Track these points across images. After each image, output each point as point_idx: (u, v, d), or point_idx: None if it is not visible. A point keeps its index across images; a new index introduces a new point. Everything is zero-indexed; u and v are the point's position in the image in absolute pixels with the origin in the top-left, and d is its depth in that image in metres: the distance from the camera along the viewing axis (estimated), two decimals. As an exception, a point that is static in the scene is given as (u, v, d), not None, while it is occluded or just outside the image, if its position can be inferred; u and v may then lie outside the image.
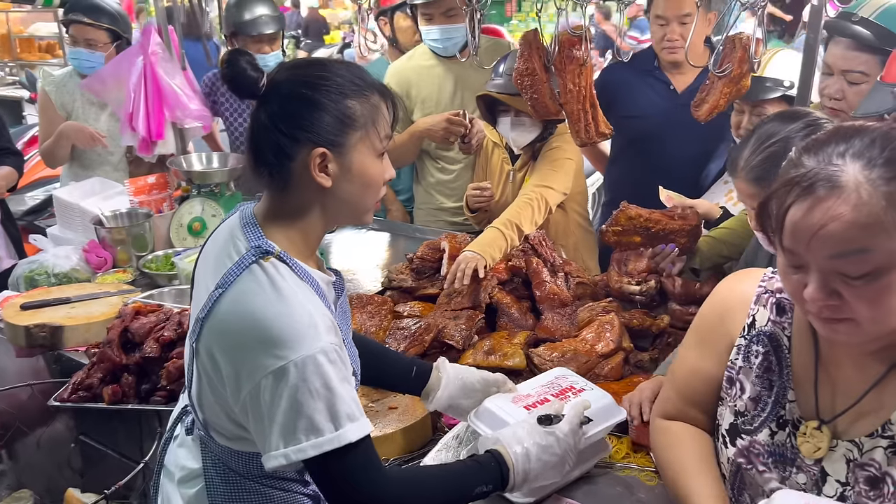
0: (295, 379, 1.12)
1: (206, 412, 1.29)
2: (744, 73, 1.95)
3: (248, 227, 1.25)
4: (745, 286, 1.24)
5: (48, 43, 8.15)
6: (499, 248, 2.26)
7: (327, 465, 1.15)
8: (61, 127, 3.18)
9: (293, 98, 1.19)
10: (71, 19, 3.16)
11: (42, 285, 2.55)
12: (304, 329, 1.15)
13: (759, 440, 1.18)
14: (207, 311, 1.20)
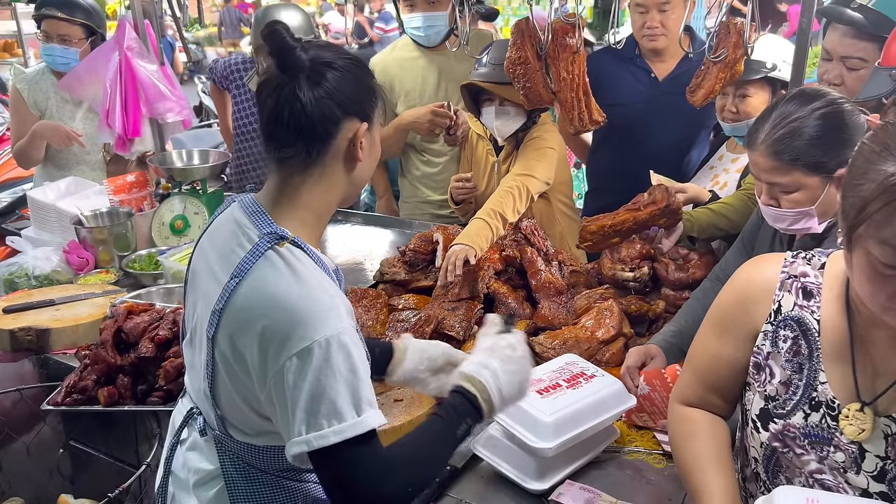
0: (319, 359, 1.12)
1: (224, 408, 1.27)
2: (738, 58, 1.98)
3: (257, 216, 1.24)
4: (766, 273, 1.23)
5: (6, 41, 7.90)
6: (485, 237, 2.26)
7: (341, 454, 1.12)
8: (35, 126, 3.09)
9: (341, 72, 1.20)
10: (44, 14, 3.07)
11: (22, 288, 2.48)
12: (326, 310, 1.15)
13: (793, 423, 1.18)
14: (225, 302, 1.18)
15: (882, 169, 0.96)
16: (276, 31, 1.18)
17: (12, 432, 2.27)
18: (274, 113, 1.19)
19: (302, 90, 1.17)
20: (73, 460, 2.25)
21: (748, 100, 2.33)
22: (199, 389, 1.31)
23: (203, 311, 1.26)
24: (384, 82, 3.00)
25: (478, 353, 1.34)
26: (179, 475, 1.39)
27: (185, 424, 1.39)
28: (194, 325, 1.32)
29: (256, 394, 1.20)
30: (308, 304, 1.14)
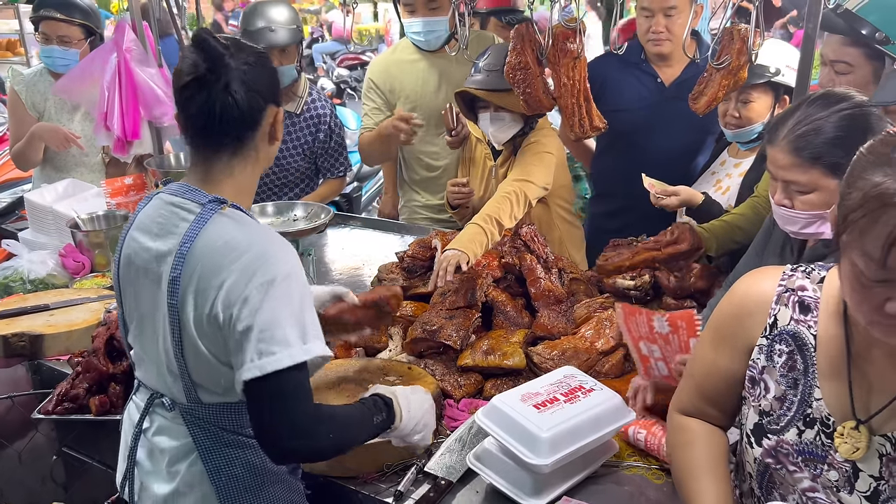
0: (278, 291, 1.25)
1: (194, 373, 1.34)
2: (742, 65, 1.95)
3: (191, 193, 1.36)
4: (763, 286, 1.22)
5: (8, 41, 7.89)
6: (479, 243, 2.23)
7: (285, 381, 1.24)
8: (34, 128, 3.07)
9: (260, 67, 1.36)
10: (42, 16, 3.05)
11: (17, 292, 2.46)
12: (283, 249, 1.32)
13: (786, 440, 1.16)
14: (181, 266, 1.29)
15: (869, 178, 0.95)
16: (204, 39, 1.31)
17: (6, 439, 2.26)
18: (207, 109, 1.32)
19: (233, 88, 1.31)
20: (67, 467, 2.23)
21: (751, 105, 2.30)
22: (161, 373, 1.39)
23: (152, 293, 1.35)
24: (384, 84, 2.97)
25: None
26: (146, 464, 1.44)
27: (146, 414, 1.44)
28: (141, 314, 1.41)
29: (225, 341, 1.28)
30: (266, 245, 1.30)
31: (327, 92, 9.01)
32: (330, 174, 3.15)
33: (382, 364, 1.92)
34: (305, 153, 3.07)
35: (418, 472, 1.59)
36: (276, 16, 2.84)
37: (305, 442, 1.29)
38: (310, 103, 3.05)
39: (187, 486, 1.39)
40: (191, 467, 1.38)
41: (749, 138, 2.42)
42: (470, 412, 1.77)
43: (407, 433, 1.49)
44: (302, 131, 3.04)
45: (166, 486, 1.40)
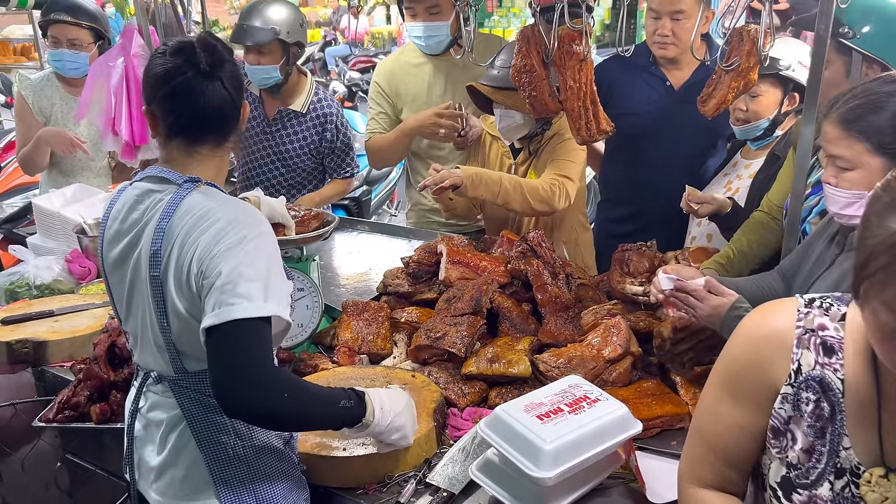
0: (246, 250, 1.32)
1: (179, 342, 1.40)
2: (751, 67, 1.90)
3: (167, 174, 1.43)
4: (779, 326, 1.10)
5: (23, 45, 7.96)
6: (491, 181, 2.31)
7: (242, 334, 1.27)
8: (40, 133, 3.08)
9: (235, 67, 1.47)
10: (51, 19, 3.05)
11: (23, 298, 2.46)
12: (255, 216, 1.40)
13: (820, 495, 1.07)
14: (161, 239, 1.36)
15: (888, 225, 0.87)
16: (213, 45, 1.43)
17: (10, 445, 2.26)
18: (205, 106, 1.41)
19: (228, 86, 1.44)
20: (71, 474, 2.22)
21: (759, 99, 2.27)
22: (149, 349, 1.46)
23: (135, 272, 1.43)
24: (390, 87, 2.95)
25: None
26: (142, 439, 1.52)
27: (140, 393, 1.51)
28: (129, 296, 1.47)
29: (199, 305, 1.33)
30: (240, 212, 1.38)
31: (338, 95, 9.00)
32: (336, 174, 3.16)
33: (386, 372, 1.90)
34: (312, 152, 3.08)
35: (420, 483, 1.57)
36: (260, 16, 2.86)
37: (261, 398, 1.28)
38: (315, 102, 3.05)
39: (176, 455, 1.45)
40: (180, 437, 1.44)
41: (756, 135, 2.38)
42: (474, 421, 1.73)
43: (382, 430, 1.47)
44: (308, 130, 3.05)
45: (159, 457, 1.47)
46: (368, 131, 3.05)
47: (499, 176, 2.36)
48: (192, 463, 1.43)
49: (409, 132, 2.86)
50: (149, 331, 1.45)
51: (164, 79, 1.41)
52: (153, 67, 1.43)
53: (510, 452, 1.42)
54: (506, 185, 2.35)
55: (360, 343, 2.07)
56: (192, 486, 1.44)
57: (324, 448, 1.58)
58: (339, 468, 1.56)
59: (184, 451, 1.44)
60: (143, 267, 1.40)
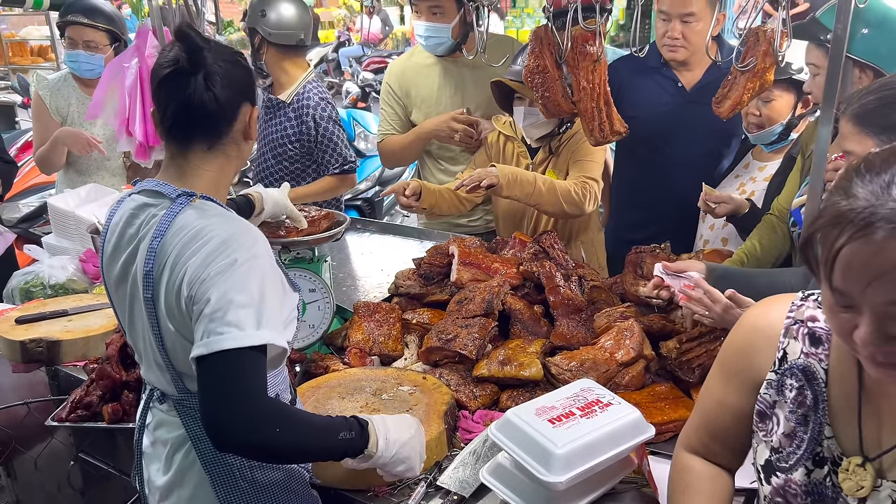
0: (237, 275, 1.25)
1: (177, 363, 1.36)
2: (767, 67, 1.88)
3: (162, 187, 1.38)
4: (770, 317, 1.15)
5: (40, 46, 8.04)
6: (526, 181, 2.30)
7: (232, 364, 1.21)
8: (56, 133, 3.10)
9: (236, 65, 1.39)
10: (68, 21, 3.08)
11: (38, 297, 2.48)
12: (249, 236, 1.32)
13: (794, 479, 1.09)
14: (153, 260, 1.31)
15: (834, 200, 0.89)
16: (187, 34, 1.34)
17: (24, 444, 2.27)
18: (186, 102, 1.33)
19: (211, 82, 1.33)
20: (84, 473, 2.23)
21: (772, 104, 2.25)
22: (151, 366, 1.42)
23: (133, 290, 1.38)
24: (401, 88, 2.95)
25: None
26: (150, 457, 1.49)
27: (147, 409, 1.49)
28: (130, 313, 1.43)
29: (190, 326, 1.29)
30: (233, 231, 1.30)
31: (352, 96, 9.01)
32: (325, 170, 3.09)
33: (397, 373, 1.89)
34: (294, 143, 3.03)
35: (430, 485, 1.56)
36: (285, 11, 2.92)
37: (251, 431, 1.21)
38: (300, 93, 3.02)
39: (182, 476, 1.42)
40: (185, 457, 1.41)
41: (771, 139, 2.36)
42: (485, 424, 1.72)
43: (387, 462, 1.39)
44: (291, 121, 3.03)
45: (164, 477, 1.44)
46: (380, 132, 3.05)
47: (533, 177, 2.36)
48: (199, 484, 1.40)
49: (424, 136, 2.86)
50: (150, 349, 1.41)
51: (153, 77, 1.38)
52: (154, 67, 1.40)
53: (521, 456, 1.40)
54: (540, 186, 2.34)
55: (371, 344, 2.07)
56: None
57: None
58: (349, 470, 1.55)
59: (189, 471, 1.41)
60: (139, 287, 1.36)
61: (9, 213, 4.04)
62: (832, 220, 0.87)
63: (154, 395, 1.46)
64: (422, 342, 2.05)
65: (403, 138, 2.95)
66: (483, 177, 2.29)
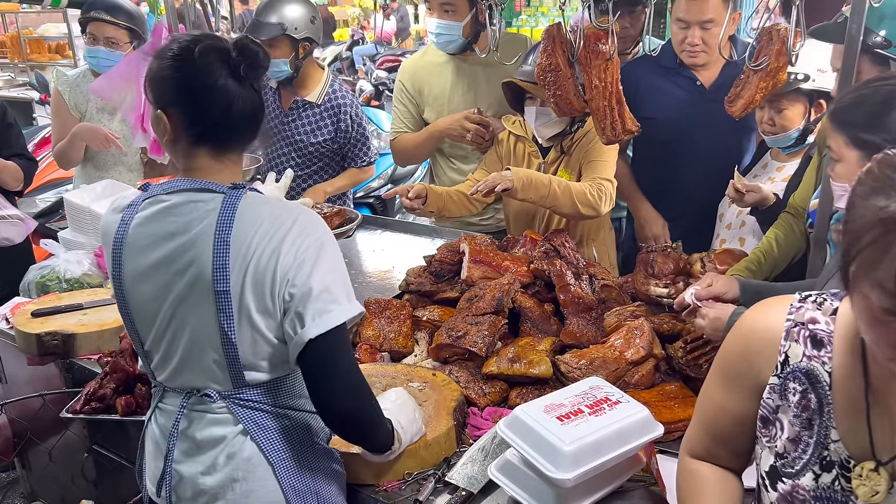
0: (328, 253, 1.35)
1: (246, 354, 1.36)
2: (781, 67, 1.87)
3: (203, 184, 1.37)
4: (769, 320, 1.13)
5: (58, 44, 8.13)
6: (541, 183, 2.29)
7: (336, 338, 1.32)
8: (75, 128, 3.13)
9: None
10: (90, 17, 3.11)
11: (53, 291, 2.51)
12: (314, 215, 1.39)
13: (802, 485, 1.08)
14: (227, 250, 1.30)
15: (872, 203, 0.87)
16: (250, 42, 1.36)
17: (39, 435, 2.30)
18: (238, 115, 1.35)
19: (256, 90, 1.38)
20: (97, 465, 2.26)
21: (784, 113, 2.25)
22: (199, 367, 1.39)
23: (183, 291, 1.35)
24: (413, 87, 2.96)
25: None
26: (188, 463, 1.43)
27: (181, 414, 1.43)
28: (168, 317, 1.38)
29: (279, 313, 1.33)
30: (304, 215, 1.36)
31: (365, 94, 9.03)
32: (353, 163, 3.20)
33: (407, 369, 1.90)
34: (327, 142, 3.13)
35: (439, 481, 1.57)
36: (271, 12, 2.93)
37: (359, 401, 1.37)
38: (331, 94, 3.12)
39: (244, 471, 1.40)
40: (242, 451, 1.40)
41: (787, 144, 2.34)
42: (494, 421, 1.73)
43: (406, 444, 1.55)
44: (323, 121, 3.11)
45: (213, 477, 1.41)
46: (393, 130, 3.06)
47: (548, 179, 2.35)
48: (263, 475, 1.41)
49: (436, 135, 2.88)
50: (202, 348, 1.37)
51: (190, 84, 1.31)
52: (173, 70, 1.32)
53: (529, 453, 1.41)
54: (555, 189, 2.33)
55: (381, 341, 2.08)
56: (260, 499, 1.41)
57: (344, 445, 1.58)
58: (360, 465, 1.57)
59: (250, 465, 1.41)
60: (205, 281, 1.32)
61: (26, 208, 4.08)
62: (882, 225, 0.84)
63: (192, 398, 1.42)
64: (432, 339, 2.06)
65: (416, 137, 2.96)
66: (498, 181, 2.29)
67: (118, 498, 2.09)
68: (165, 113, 1.35)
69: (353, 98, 3.18)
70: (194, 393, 1.41)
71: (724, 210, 2.60)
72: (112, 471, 2.21)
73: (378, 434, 1.46)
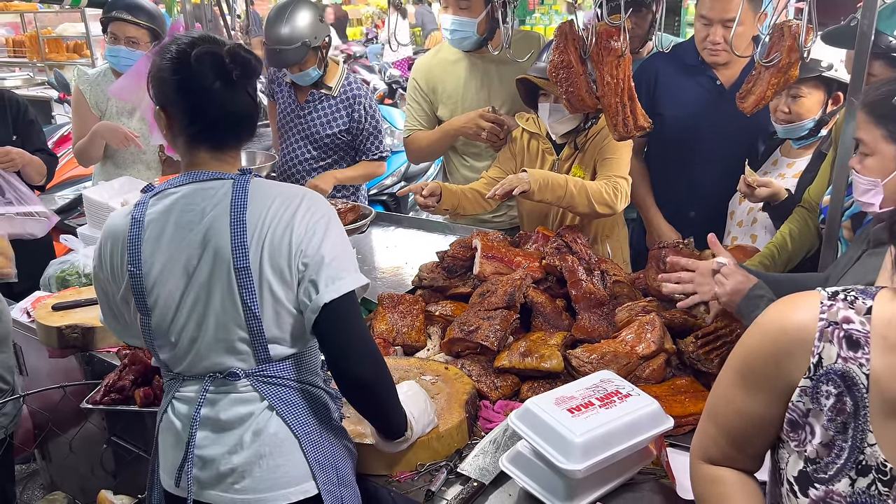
0: (334, 227, 1.44)
1: (269, 328, 1.42)
2: (792, 63, 1.87)
3: (211, 174, 1.43)
4: (799, 319, 1.06)
5: (76, 43, 8.21)
6: (557, 184, 2.30)
7: (346, 304, 1.40)
8: (95, 127, 3.18)
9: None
10: (112, 17, 3.16)
11: (73, 285, 2.56)
12: (316, 194, 1.49)
13: (837, 490, 1.04)
14: (242, 229, 1.38)
15: None
16: (241, 49, 1.40)
17: (58, 427, 2.34)
18: (232, 117, 1.42)
19: (253, 92, 1.45)
20: (116, 456, 2.30)
21: (801, 100, 2.23)
22: (224, 349, 1.43)
23: (213, 271, 1.39)
24: (427, 84, 2.98)
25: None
26: (213, 446, 1.45)
27: (202, 400, 1.45)
28: (189, 304, 1.41)
29: (294, 282, 1.40)
30: (304, 192, 1.45)
31: (378, 93, 9.07)
32: (365, 156, 3.23)
33: (419, 363, 1.93)
34: (341, 133, 3.17)
35: (451, 472, 1.59)
36: (283, 35, 2.93)
37: (371, 363, 1.42)
38: (346, 85, 3.18)
39: (270, 447, 1.44)
40: (268, 428, 1.44)
41: (800, 134, 2.34)
42: (505, 414, 1.75)
43: (419, 433, 1.58)
44: (339, 112, 3.16)
45: (238, 456, 1.44)
46: (407, 128, 3.08)
47: (564, 179, 2.35)
48: (288, 449, 1.45)
49: (451, 133, 2.89)
50: (227, 328, 1.41)
51: (186, 87, 1.37)
52: (171, 71, 1.37)
53: (540, 444, 1.43)
54: (571, 189, 2.33)
55: (394, 335, 2.11)
56: (287, 473, 1.45)
57: (357, 436, 1.61)
58: (372, 455, 1.59)
59: (275, 439, 1.44)
60: (224, 261, 1.38)
61: (45, 205, 4.13)
62: None
63: (214, 382, 1.44)
64: (444, 333, 2.08)
65: (430, 134, 2.98)
66: (515, 184, 2.29)
67: (136, 488, 2.13)
68: (164, 111, 1.42)
69: (368, 91, 3.23)
70: (217, 375, 1.44)
71: (735, 208, 2.60)
72: (130, 461, 2.25)
73: (392, 409, 1.50)
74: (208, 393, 1.45)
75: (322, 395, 1.53)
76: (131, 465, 2.25)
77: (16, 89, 5.84)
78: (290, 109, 3.22)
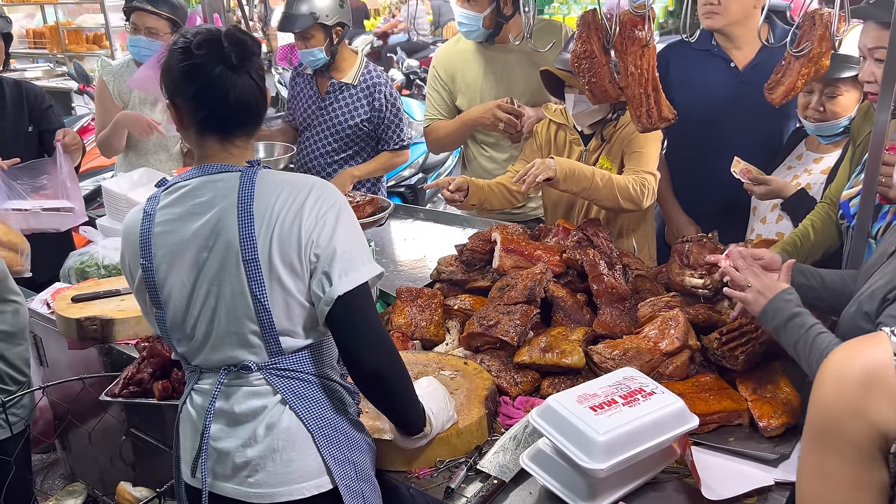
0: (345, 216, 1.42)
1: (280, 320, 1.41)
2: (823, 53, 1.82)
3: (220, 167, 1.43)
4: (871, 364, 0.90)
5: (95, 34, 8.24)
6: (583, 175, 2.27)
7: (362, 295, 1.39)
8: (118, 116, 3.18)
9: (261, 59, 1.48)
10: (133, 6, 3.16)
11: (92, 277, 2.56)
12: (328, 184, 1.47)
13: None
14: (250, 220, 1.37)
15: None
16: (239, 38, 1.41)
17: (78, 419, 2.36)
18: (235, 103, 1.40)
19: (258, 80, 1.43)
20: (135, 448, 2.31)
21: (837, 99, 2.16)
22: (237, 342, 1.42)
23: (213, 269, 1.40)
24: (446, 74, 2.96)
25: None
26: (227, 439, 1.45)
27: (216, 393, 1.45)
28: (202, 298, 1.42)
29: (305, 273, 1.39)
30: (314, 182, 1.43)
31: (396, 83, 9.05)
32: (386, 146, 3.21)
33: (438, 358, 1.91)
34: (363, 123, 3.15)
35: (471, 469, 1.57)
36: (301, 3, 2.97)
37: (386, 355, 1.42)
38: (365, 74, 3.16)
39: (284, 440, 1.44)
40: (282, 421, 1.44)
41: (833, 132, 2.27)
42: (526, 410, 1.73)
43: (438, 430, 1.57)
44: (360, 101, 3.14)
45: (252, 449, 1.44)
46: (427, 117, 3.06)
47: (591, 171, 2.32)
48: (302, 444, 1.44)
49: (469, 123, 2.87)
50: (238, 320, 1.41)
51: (190, 75, 1.38)
52: (176, 62, 1.39)
53: (562, 443, 1.41)
54: (597, 182, 2.30)
55: (413, 329, 2.09)
56: (301, 468, 1.44)
57: (376, 431, 1.60)
58: (392, 451, 1.58)
59: (288, 433, 1.43)
60: (233, 253, 1.37)
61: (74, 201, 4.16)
62: None
63: (228, 376, 1.45)
64: (463, 328, 2.06)
65: (449, 124, 2.96)
66: (541, 170, 2.26)
67: (155, 480, 2.13)
68: (174, 103, 1.43)
69: (388, 79, 3.21)
70: (231, 368, 1.45)
71: (758, 203, 2.54)
72: (149, 454, 2.26)
73: (407, 402, 1.49)
74: (223, 386, 1.46)
75: (338, 388, 1.52)
76: (150, 458, 2.26)
77: (36, 80, 5.87)
78: (311, 101, 3.20)
